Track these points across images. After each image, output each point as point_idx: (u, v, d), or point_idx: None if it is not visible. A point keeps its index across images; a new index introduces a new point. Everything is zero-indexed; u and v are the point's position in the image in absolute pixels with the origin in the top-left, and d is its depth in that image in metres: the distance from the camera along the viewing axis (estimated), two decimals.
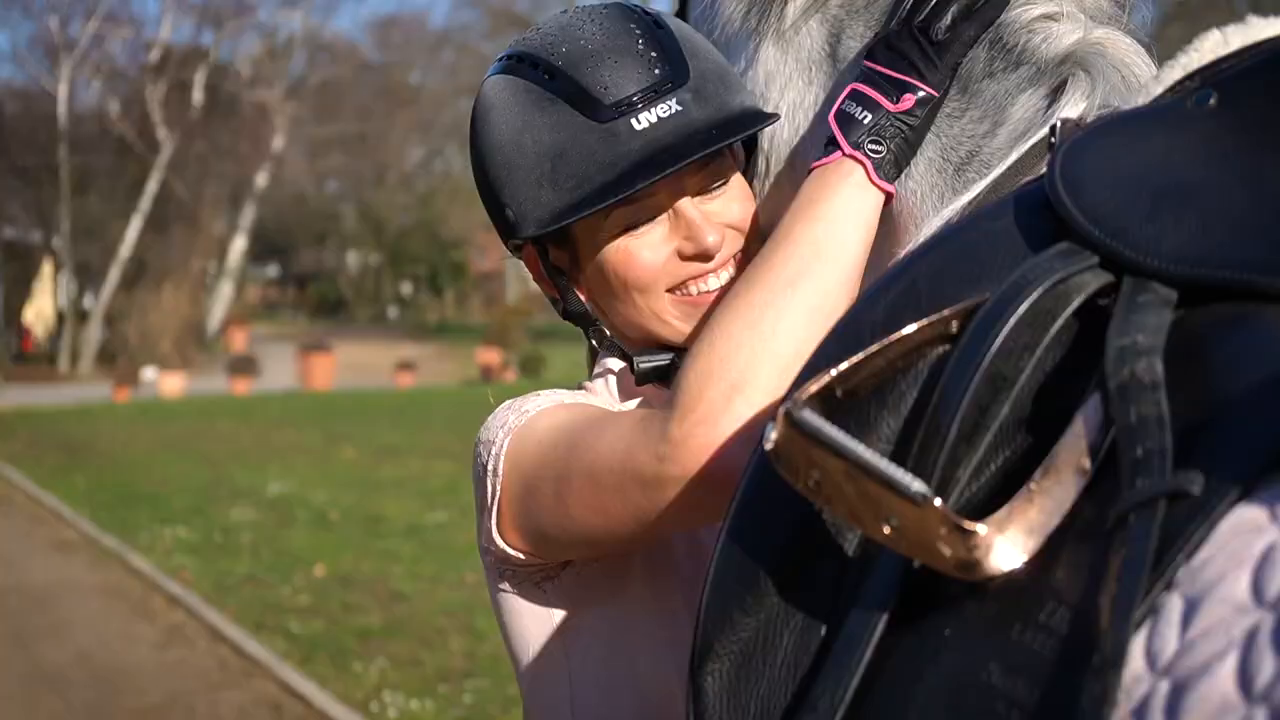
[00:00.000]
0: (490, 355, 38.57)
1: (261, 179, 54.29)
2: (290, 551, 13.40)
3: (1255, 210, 1.18)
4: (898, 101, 1.76)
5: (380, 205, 66.83)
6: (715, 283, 1.95)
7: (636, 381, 2.02)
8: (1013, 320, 1.18)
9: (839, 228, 1.75)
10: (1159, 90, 1.37)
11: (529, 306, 42.03)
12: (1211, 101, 1.29)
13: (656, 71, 1.93)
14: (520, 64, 1.99)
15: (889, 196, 1.79)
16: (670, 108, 1.91)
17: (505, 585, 2.00)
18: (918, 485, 1.10)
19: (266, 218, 61.90)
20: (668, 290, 1.96)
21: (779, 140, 1.98)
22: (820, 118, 1.91)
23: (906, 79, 1.77)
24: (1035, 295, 1.19)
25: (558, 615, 2.00)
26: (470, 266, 71.75)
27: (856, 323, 1.35)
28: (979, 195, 1.64)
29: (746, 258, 1.95)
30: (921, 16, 1.77)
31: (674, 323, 1.97)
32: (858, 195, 1.77)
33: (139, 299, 44.04)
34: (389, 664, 9.45)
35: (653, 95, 1.91)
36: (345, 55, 62.22)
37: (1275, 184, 1.19)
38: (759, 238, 1.95)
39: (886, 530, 1.13)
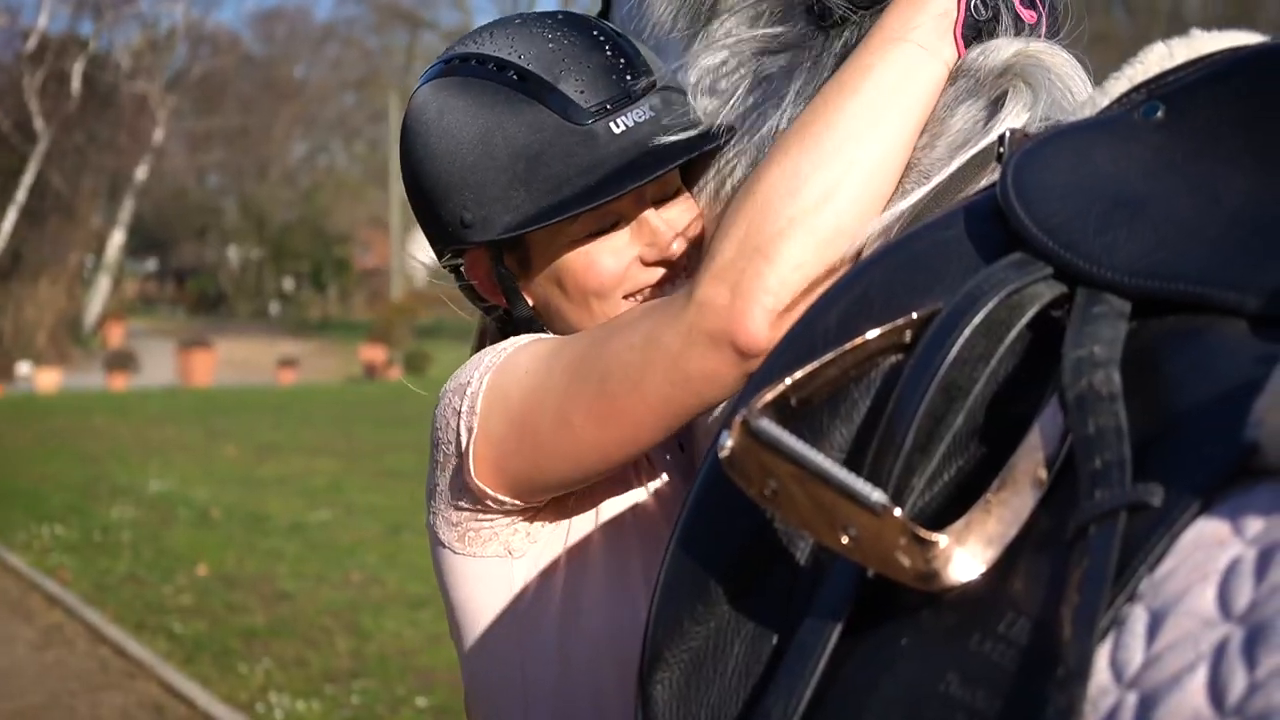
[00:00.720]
0: (374, 352, 38.26)
1: (141, 172, 53.35)
2: (172, 550, 13.20)
3: (1207, 223, 1.19)
4: (1029, 7, 1.74)
5: (262, 200, 66.12)
6: (671, 290, 1.94)
7: None
8: (968, 330, 1.19)
9: (910, 86, 1.67)
10: (1105, 102, 1.38)
11: (414, 304, 41.69)
12: (1159, 114, 1.30)
13: (627, 78, 1.94)
14: (480, 65, 1.97)
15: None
16: (644, 113, 1.92)
17: (457, 548, 1.97)
18: (878, 495, 1.10)
19: (145, 211, 60.94)
20: (624, 297, 1.96)
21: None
22: None
23: (1043, 9, 1.76)
24: (990, 306, 1.19)
25: (515, 581, 1.97)
26: (354, 263, 71.21)
27: (809, 330, 1.34)
28: (918, 203, 1.64)
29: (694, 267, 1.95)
30: None
31: None
32: (941, 44, 1.69)
33: (14, 292, 43.12)
34: (274, 664, 9.34)
35: (627, 100, 1.92)
36: (228, 47, 61.47)
37: (1225, 197, 1.21)
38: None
39: (844, 540, 1.13)
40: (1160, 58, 1.37)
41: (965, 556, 1.11)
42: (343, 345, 46.99)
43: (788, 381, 1.22)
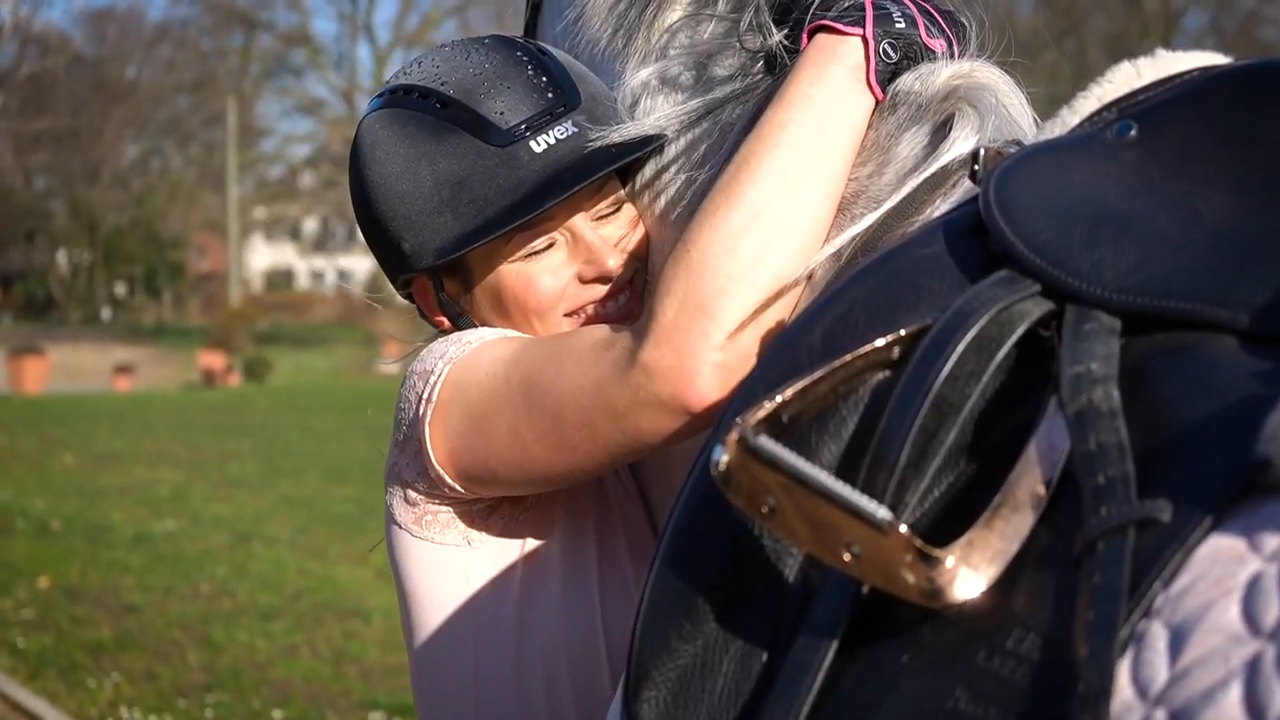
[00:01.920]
0: (213, 359, 37.62)
1: None
2: (11, 563, 12.82)
3: (1190, 242, 1.22)
4: (934, 38, 1.74)
5: (93, 203, 64.64)
6: (613, 306, 1.95)
7: None
8: (960, 347, 1.19)
9: (829, 136, 1.68)
10: (1074, 120, 1.40)
11: (253, 309, 41.08)
12: (1132, 133, 1.32)
13: (550, 95, 1.94)
14: (406, 96, 1.99)
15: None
16: (567, 129, 1.92)
17: (414, 530, 1.97)
18: (883, 512, 1.10)
19: None
20: (565, 315, 1.96)
21: (645, 163, 1.98)
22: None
23: (950, 33, 1.76)
24: (982, 323, 1.20)
25: (473, 573, 1.98)
26: (189, 267, 70.02)
27: (793, 347, 1.34)
28: (870, 227, 1.65)
29: (640, 283, 1.98)
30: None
31: None
32: (854, 92, 1.70)
33: None
34: (123, 678, 9.12)
35: (548, 118, 1.93)
36: (57, 47, 59.98)
37: (1205, 216, 1.23)
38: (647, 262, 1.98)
39: (847, 557, 1.12)
40: (1128, 77, 1.39)
41: (969, 573, 1.12)
42: (179, 351, 46.10)
43: (779, 398, 1.22)
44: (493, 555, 1.96)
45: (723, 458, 1.16)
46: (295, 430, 21.53)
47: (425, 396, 1.87)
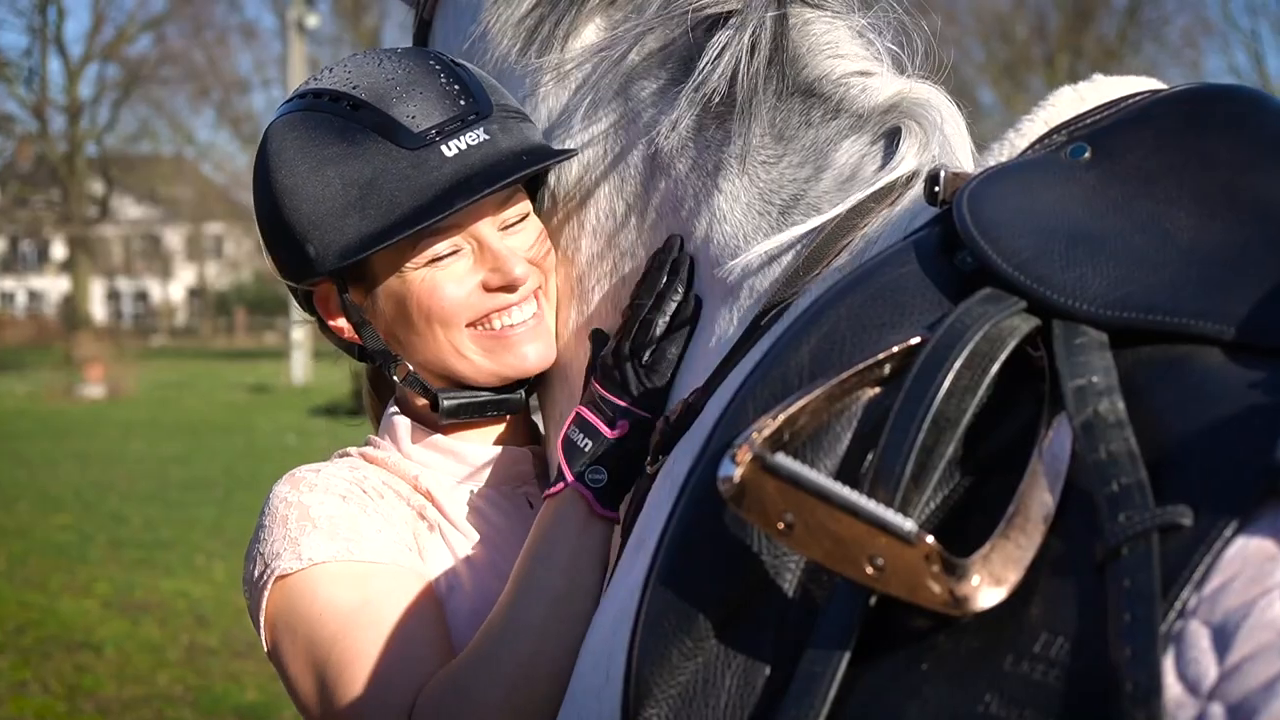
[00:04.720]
0: None
1: None
2: None
3: (1165, 259, 1.28)
4: (615, 428, 1.83)
5: None
6: (518, 315, 1.97)
7: (441, 418, 2.00)
8: (957, 363, 1.23)
9: (571, 575, 1.79)
10: (1022, 144, 1.45)
11: None
12: (1086, 155, 1.38)
13: (462, 102, 1.94)
14: (317, 100, 1.97)
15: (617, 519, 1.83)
16: (478, 136, 1.92)
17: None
18: (910, 525, 1.13)
19: None
20: (469, 325, 1.96)
21: (565, 177, 1.99)
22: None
23: (621, 404, 1.83)
24: (975, 339, 1.24)
25: None
26: None
27: (782, 366, 1.36)
28: (809, 234, 1.68)
29: (544, 293, 2.01)
30: (632, 338, 1.85)
31: (473, 358, 1.97)
32: (583, 530, 1.82)
33: None
34: None
35: (459, 124, 1.92)
36: None
37: (1175, 235, 1.30)
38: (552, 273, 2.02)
39: (869, 570, 1.15)
40: (1071, 101, 1.45)
41: (992, 582, 1.15)
42: None
43: (782, 416, 1.24)
44: None
45: (735, 473, 1.17)
46: (0, 457, 20.63)
47: (258, 585, 1.91)
